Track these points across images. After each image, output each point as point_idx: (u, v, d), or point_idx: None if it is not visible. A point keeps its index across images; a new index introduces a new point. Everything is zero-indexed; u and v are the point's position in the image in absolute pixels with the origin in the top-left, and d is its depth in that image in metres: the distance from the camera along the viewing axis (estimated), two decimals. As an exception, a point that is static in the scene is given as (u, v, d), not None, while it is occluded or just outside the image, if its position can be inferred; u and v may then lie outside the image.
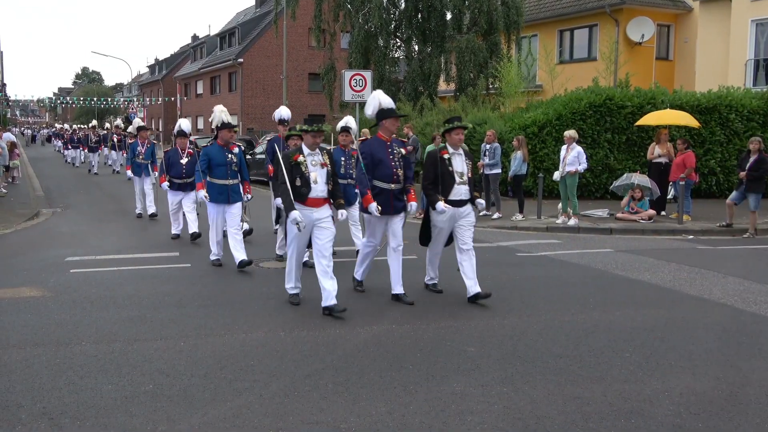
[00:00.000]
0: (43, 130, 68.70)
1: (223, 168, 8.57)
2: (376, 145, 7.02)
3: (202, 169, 8.55)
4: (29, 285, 7.78)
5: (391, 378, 4.91)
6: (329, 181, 6.63)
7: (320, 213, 6.57)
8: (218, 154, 8.63)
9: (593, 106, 16.45)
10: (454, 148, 6.99)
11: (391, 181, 6.91)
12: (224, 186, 8.59)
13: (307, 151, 6.59)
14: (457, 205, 6.91)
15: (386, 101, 6.99)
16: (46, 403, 4.43)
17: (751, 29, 20.96)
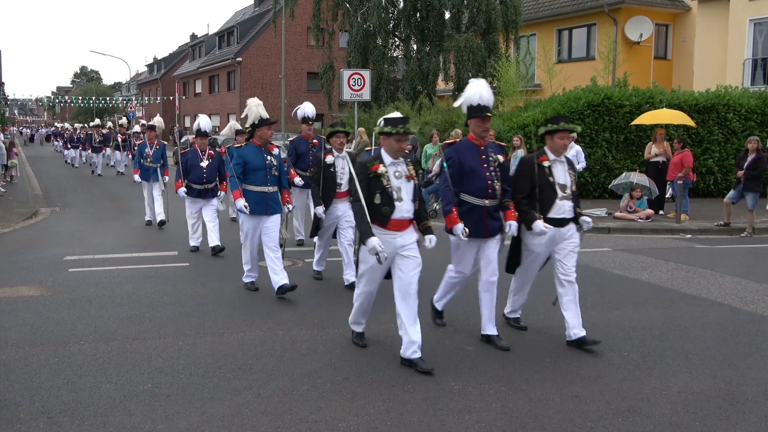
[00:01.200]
0: (41, 130, 68.58)
1: (261, 173, 7.11)
2: (465, 150, 5.60)
3: (237, 175, 7.12)
4: (28, 284, 7.78)
5: (389, 377, 4.92)
6: (416, 197, 5.23)
7: (405, 238, 5.14)
8: (255, 157, 7.14)
9: (591, 105, 16.45)
10: (555, 155, 5.63)
11: (485, 196, 5.52)
12: (262, 194, 7.12)
13: (389, 159, 5.14)
14: (558, 224, 5.58)
15: (476, 95, 5.54)
16: (45, 402, 4.44)
17: (749, 29, 20.98)
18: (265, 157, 7.16)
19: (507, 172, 5.73)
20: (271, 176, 7.17)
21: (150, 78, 63.62)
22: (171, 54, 62.38)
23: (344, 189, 7.33)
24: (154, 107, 56.73)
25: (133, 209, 15.21)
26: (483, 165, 5.52)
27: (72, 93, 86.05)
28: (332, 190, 7.43)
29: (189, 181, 9.81)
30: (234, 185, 7.16)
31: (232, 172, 7.16)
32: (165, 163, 12.72)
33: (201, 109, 47.18)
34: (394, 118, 5.18)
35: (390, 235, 5.08)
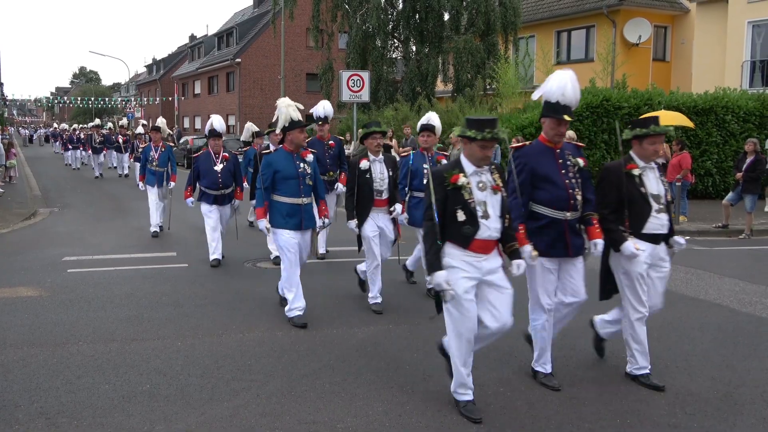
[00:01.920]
0: (40, 130, 68.45)
1: (293, 182, 6.17)
2: (537, 154, 4.70)
3: (265, 186, 6.13)
4: (26, 285, 7.78)
5: (387, 378, 4.93)
6: (504, 212, 4.28)
7: (490, 263, 4.26)
8: (286, 164, 6.19)
9: (590, 106, 16.47)
10: (645, 161, 4.80)
11: (566, 207, 4.62)
12: (295, 207, 6.18)
13: (471, 168, 4.22)
14: (653, 241, 4.79)
15: (558, 91, 4.59)
16: (43, 403, 4.44)
17: (748, 31, 21.01)
18: (297, 164, 6.23)
19: (588, 178, 4.81)
20: (305, 186, 6.23)
21: (149, 79, 63.58)
22: (170, 55, 62.34)
23: (385, 197, 6.67)
24: (153, 108, 56.73)
25: (132, 210, 15.22)
26: (560, 170, 4.64)
27: (71, 93, 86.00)
28: (369, 198, 6.59)
29: (203, 187, 9.00)
30: (259, 200, 6.20)
31: (259, 182, 6.21)
32: (173, 167, 11.74)
33: (200, 110, 47.32)
34: (479, 120, 4.21)
35: (473, 257, 4.19)
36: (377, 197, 6.62)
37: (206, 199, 8.98)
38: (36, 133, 65.27)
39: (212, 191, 8.95)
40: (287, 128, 6.20)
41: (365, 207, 6.60)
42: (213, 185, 8.94)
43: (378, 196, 6.62)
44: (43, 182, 22.16)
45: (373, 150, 6.61)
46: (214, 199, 8.97)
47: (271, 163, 6.20)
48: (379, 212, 6.66)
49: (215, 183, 8.94)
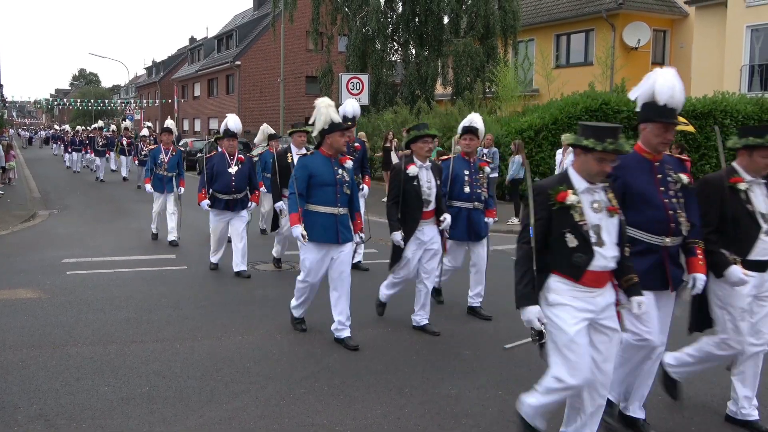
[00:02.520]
0: (40, 132, 68.41)
1: (330, 189, 5.59)
2: (633, 167, 3.93)
3: (299, 191, 5.59)
4: (26, 286, 7.79)
5: (386, 381, 4.94)
6: (622, 239, 3.61)
7: (606, 298, 3.58)
8: (325, 169, 5.61)
9: (589, 110, 16.51)
10: (753, 175, 4.13)
11: (666, 232, 3.88)
12: (331, 217, 5.60)
13: (583, 184, 3.52)
14: (761, 268, 4.13)
15: (666, 91, 3.98)
16: (43, 405, 4.44)
17: (746, 35, 21.06)
18: (335, 170, 5.63)
19: (692, 198, 4.03)
20: (342, 194, 5.64)
21: (149, 81, 63.63)
22: (170, 57, 62.41)
23: (431, 207, 6.03)
24: (152, 110, 56.79)
25: (132, 212, 15.23)
26: (659, 188, 3.90)
27: (70, 95, 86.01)
28: (417, 208, 5.93)
29: (215, 191, 8.33)
30: (293, 205, 5.62)
31: (292, 186, 5.64)
32: (181, 171, 11.02)
33: (199, 113, 47.33)
34: (598, 127, 3.51)
35: (586, 292, 3.51)
36: (425, 208, 5.97)
37: (217, 204, 8.36)
38: (36, 135, 65.24)
39: (224, 195, 8.34)
40: (326, 131, 5.58)
41: (412, 218, 5.95)
42: (225, 189, 8.31)
43: (425, 206, 5.96)
44: (43, 184, 22.16)
45: (422, 155, 5.99)
46: (226, 204, 8.35)
47: (307, 166, 5.62)
48: (426, 224, 6.03)
49: (228, 186, 8.29)
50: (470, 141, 6.47)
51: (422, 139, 5.95)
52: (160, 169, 10.83)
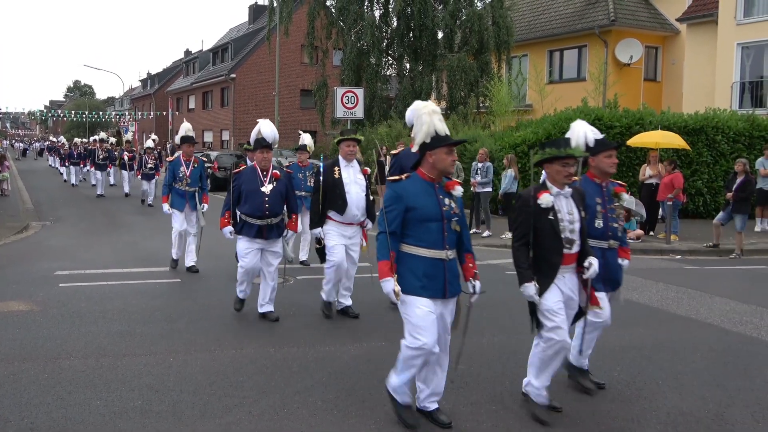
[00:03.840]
0: (35, 143, 68.16)
1: (435, 227, 4.17)
2: None
3: (391, 229, 4.17)
4: (18, 299, 7.75)
5: (380, 395, 4.92)
6: None
7: None
8: (426, 199, 4.20)
9: (582, 125, 16.59)
10: None
11: None
12: (437, 264, 4.19)
13: None
14: None
15: None
16: (34, 419, 4.41)
17: (737, 52, 21.30)
18: (441, 199, 4.22)
19: None
20: (450, 232, 4.22)
21: (143, 93, 63.69)
22: (165, 69, 62.55)
23: (575, 249, 4.49)
24: (147, 122, 56.78)
25: (126, 224, 15.20)
26: None
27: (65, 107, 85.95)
28: (555, 251, 4.41)
29: (244, 214, 6.84)
30: (382, 250, 4.16)
31: (383, 224, 4.18)
32: (204, 186, 9.66)
33: (194, 125, 47.08)
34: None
35: None
36: (566, 250, 4.45)
37: (247, 230, 6.79)
38: (31, 147, 64.98)
39: (255, 220, 6.76)
40: (428, 145, 4.18)
41: (550, 264, 4.44)
42: (257, 212, 6.74)
43: (567, 248, 4.45)
44: (36, 196, 22.08)
45: (559, 179, 4.43)
46: (258, 230, 6.78)
47: (402, 196, 4.17)
48: (567, 272, 4.50)
49: (260, 209, 6.73)
50: (610, 159, 4.96)
51: (563, 161, 4.39)
52: (180, 183, 9.49)
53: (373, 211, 6.85)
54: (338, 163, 6.80)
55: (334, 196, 6.67)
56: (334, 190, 6.67)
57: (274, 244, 6.89)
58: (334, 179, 6.70)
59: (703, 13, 22.34)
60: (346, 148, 6.79)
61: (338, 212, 6.73)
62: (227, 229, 6.96)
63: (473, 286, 4.36)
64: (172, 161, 9.69)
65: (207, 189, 9.80)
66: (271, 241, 6.87)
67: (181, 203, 9.49)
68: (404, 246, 4.20)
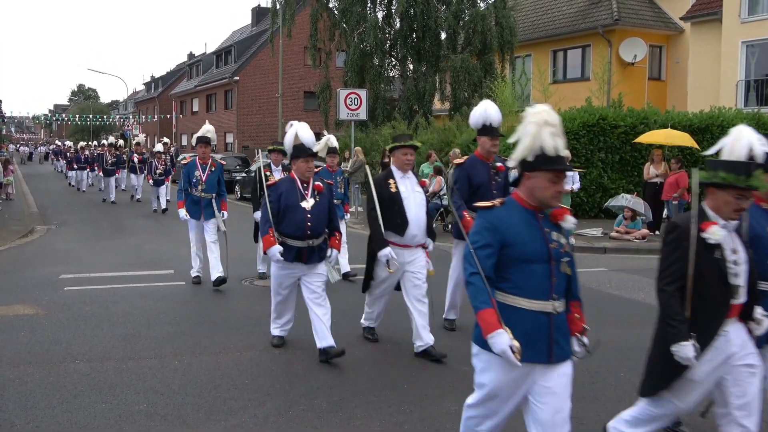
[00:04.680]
0: (40, 147, 68.27)
1: (540, 269, 3.21)
2: None
3: (485, 272, 3.20)
4: (23, 302, 7.76)
5: (385, 397, 4.91)
6: None
7: None
8: (530, 233, 3.25)
9: (586, 125, 16.56)
10: None
11: None
12: (541, 319, 3.22)
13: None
14: None
15: None
16: (40, 422, 4.41)
17: (742, 51, 21.22)
18: (547, 234, 3.24)
19: None
20: (560, 276, 3.24)
21: (147, 96, 63.86)
22: (168, 72, 62.68)
23: (741, 298, 3.49)
24: (151, 125, 56.91)
25: (130, 228, 15.22)
26: None
27: (69, 111, 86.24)
28: (721, 300, 3.43)
29: (281, 234, 5.74)
30: (482, 296, 3.14)
31: (473, 263, 3.16)
32: (222, 191, 8.86)
33: (197, 128, 47.13)
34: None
35: None
36: (733, 299, 3.47)
37: (285, 253, 5.68)
38: (36, 151, 65.09)
39: (295, 241, 5.70)
40: (529, 165, 3.20)
41: (713, 316, 3.47)
42: (297, 231, 5.69)
43: (733, 297, 3.46)
44: (41, 200, 22.14)
45: (726, 213, 3.42)
46: (298, 254, 5.71)
47: (497, 228, 3.20)
48: (733, 327, 3.52)
49: (301, 228, 5.68)
50: None
51: (737, 191, 3.35)
52: (196, 189, 8.62)
53: (434, 229, 6.09)
54: (392, 175, 5.81)
55: (391, 213, 5.69)
56: (390, 207, 5.69)
57: (314, 269, 5.78)
58: (391, 194, 5.70)
59: (707, 11, 22.26)
60: (402, 157, 5.79)
61: (397, 233, 5.68)
62: (276, 249, 5.63)
63: (581, 343, 3.36)
64: (187, 164, 8.97)
65: (225, 195, 8.96)
66: (312, 266, 5.76)
67: (195, 211, 8.61)
68: (500, 294, 3.21)
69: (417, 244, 5.80)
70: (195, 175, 8.66)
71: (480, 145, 6.21)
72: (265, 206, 5.82)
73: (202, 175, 8.65)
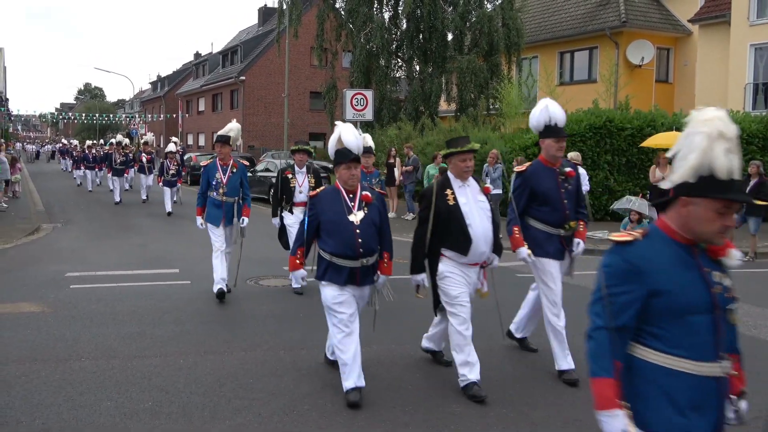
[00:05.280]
0: (47, 146, 68.43)
1: (703, 322, 2.40)
2: None
3: (617, 323, 2.42)
4: (29, 300, 7.78)
5: (390, 398, 4.91)
6: None
7: None
8: (684, 275, 2.42)
9: (593, 127, 16.54)
10: None
11: None
12: (707, 386, 2.49)
13: None
14: None
15: None
16: (45, 420, 4.43)
17: (750, 53, 21.13)
18: (707, 275, 2.46)
19: None
20: (728, 330, 2.57)
21: (153, 95, 64.05)
22: (175, 72, 62.88)
23: None
24: (156, 125, 57.08)
25: (135, 226, 15.25)
26: None
27: (75, 109, 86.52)
28: None
29: (329, 253, 4.82)
30: (603, 360, 2.44)
31: (601, 314, 2.47)
32: (246, 195, 8.17)
33: (203, 128, 47.50)
34: None
35: None
36: None
37: (334, 275, 4.79)
38: (42, 149, 65.22)
39: (347, 261, 4.77)
40: (695, 187, 2.39)
41: None
42: (349, 250, 4.76)
43: None
44: (47, 198, 22.21)
45: None
46: (350, 276, 4.78)
47: (642, 270, 2.44)
48: None
49: (351, 246, 4.75)
50: None
51: None
52: (216, 192, 7.92)
53: (500, 242, 5.30)
54: (450, 184, 4.98)
55: (450, 229, 4.92)
56: (449, 223, 4.90)
57: (363, 290, 4.91)
58: (448, 207, 4.93)
59: (716, 13, 22.18)
60: (460, 164, 4.99)
61: (460, 252, 4.93)
62: (300, 274, 5.02)
63: (735, 410, 2.77)
64: (207, 166, 8.21)
65: (249, 199, 8.24)
66: (366, 289, 4.91)
67: (217, 216, 7.91)
68: (645, 352, 2.45)
69: (482, 261, 5.13)
70: (215, 177, 7.97)
71: (544, 149, 5.53)
72: (303, 222, 4.91)
73: (223, 177, 7.96)
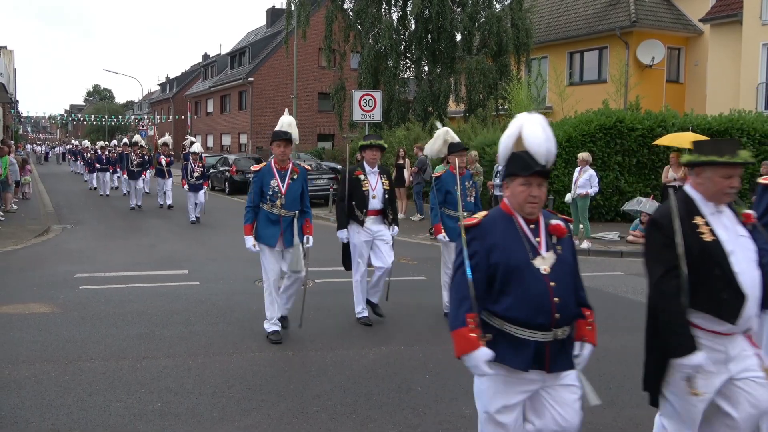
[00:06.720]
0: (57, 147, 68.78)
1: None
2: None
3: None
4: (39, 301, 7.80)
5: (399, 400, 4.87)
6: None
7: None
8: None
9: (603, 128, 16.44)
10: None
11: None
12: None
13: None
14: None
15: None
16: (55, 420, 4.42)
17: (762, 53, 20.96)
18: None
19: None
20: None
21: (162, 97, 64.26)
22: (183, 73, 63.06)
23: None
24: (165, 126, 57.27)
25: (144, 227, 15.28)
26: None
27: (85, 111, 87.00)
28: None
29: (507, 321, 3.09)
30: None
31: None
32: (306, 207, 6.46)
33: (212, 129, 47.61)
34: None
35: None
36: None
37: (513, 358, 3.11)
38: (52, 151, 65.54)
39: (533, 332, 3.07)
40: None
41: None
42: (539, 316, 3.06)
43: None
44: (57, 199, 22.30)
45: None
46: (537, 354, 3.09)
47: None
48: None
49: (544, 310, 3.06)
50: None
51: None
52: (273, 205, 6.22)
53: None
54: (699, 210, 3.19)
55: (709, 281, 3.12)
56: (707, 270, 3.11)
57: (560, 379, 3.16)
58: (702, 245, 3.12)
59: (727, 13, 22.01)
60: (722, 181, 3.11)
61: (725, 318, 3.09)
62: (482, 356, 3.04)
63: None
64: (259, 171, 6.33)
65: (310, 212, 6.49)
66: (557, 376, 3.14)
67: (272, 235, 6.18)
68: None
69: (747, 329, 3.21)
70: (271, 185, 6.21)
71: None
72: (457, 267, 3.11)
73: (281, 185, 6.23)
